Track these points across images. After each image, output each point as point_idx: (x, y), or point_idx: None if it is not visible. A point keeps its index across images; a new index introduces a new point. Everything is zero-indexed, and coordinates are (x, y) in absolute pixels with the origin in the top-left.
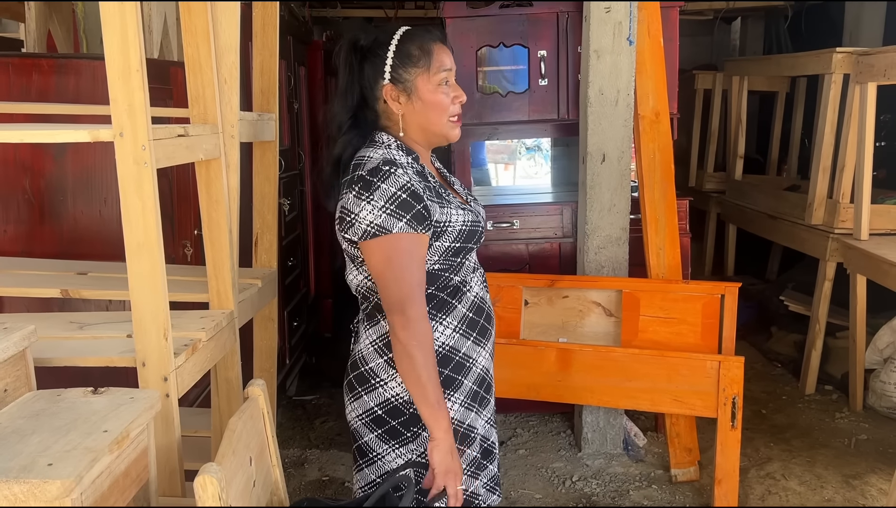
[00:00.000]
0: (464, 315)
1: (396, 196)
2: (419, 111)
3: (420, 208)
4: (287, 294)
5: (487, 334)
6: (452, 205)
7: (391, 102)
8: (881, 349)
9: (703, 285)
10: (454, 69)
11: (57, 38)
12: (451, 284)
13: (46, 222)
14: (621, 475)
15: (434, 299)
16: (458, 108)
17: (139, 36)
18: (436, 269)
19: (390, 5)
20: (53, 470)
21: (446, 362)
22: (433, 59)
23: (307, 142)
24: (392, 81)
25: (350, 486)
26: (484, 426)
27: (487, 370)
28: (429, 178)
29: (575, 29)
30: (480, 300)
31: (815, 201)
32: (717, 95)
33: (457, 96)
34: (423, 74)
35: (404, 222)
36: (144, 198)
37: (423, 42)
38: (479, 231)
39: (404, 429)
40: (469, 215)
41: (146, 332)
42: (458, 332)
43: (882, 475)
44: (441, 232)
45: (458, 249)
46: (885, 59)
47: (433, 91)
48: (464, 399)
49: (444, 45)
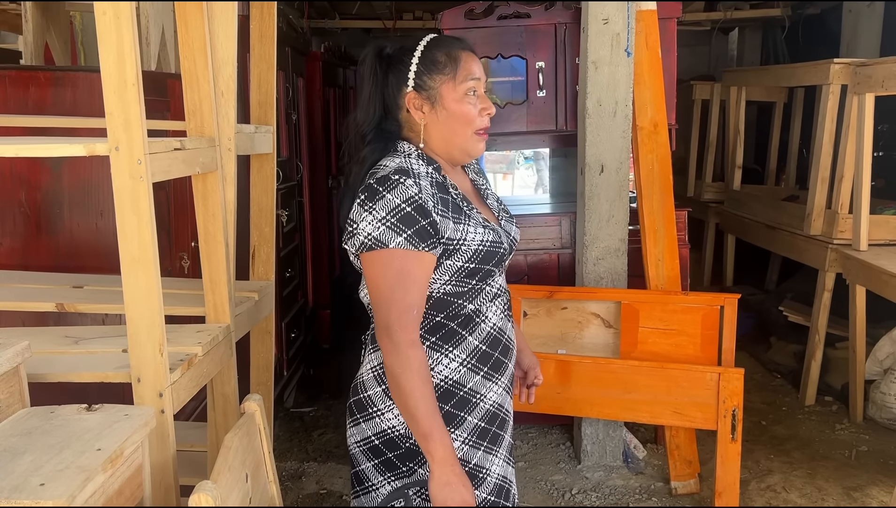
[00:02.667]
0: (475, 348)
1: (399, 208)
2: (443, 121)
3: (425, 223)
4: (285, 306)
5: (502, 368)
6: (472, 222)
7: (414, 111)
8: (881, 360)
9: (703, 297)
10: (483, 79)
11: (54, 51)
12: (462, 313)
13: (42, 235)
14: (621, 487)
15: (442, 328)
16: (486, 120)
17: (135, 49)
18: (447, 292)
19: (388, 16)
20: (45, 490)
21: (448, 396)
22: (460, 66)
23: (305, 153)
24: (416, 89)
25: (348, 500)
26: (501, 465)
27: (500, 406)
28: (449, 190)
29: (573, 40)
30: (498, 332)
31: (814, 212)
32: (715, 105)
33: (485, 108)
34: (448, 82)
35: (403, 237)
36: (140, 212)
37: (451, 49)
38: (499, 253)
39: (400, 463)
40: (490, 234)
41: (141, 347)
42: (466, 366)
43: (883, 487)
44: (454, 250)
45: (473, 270)
46: (882, 69)
47: (459, 100)
48: (467, 437)
49: (472, 54)
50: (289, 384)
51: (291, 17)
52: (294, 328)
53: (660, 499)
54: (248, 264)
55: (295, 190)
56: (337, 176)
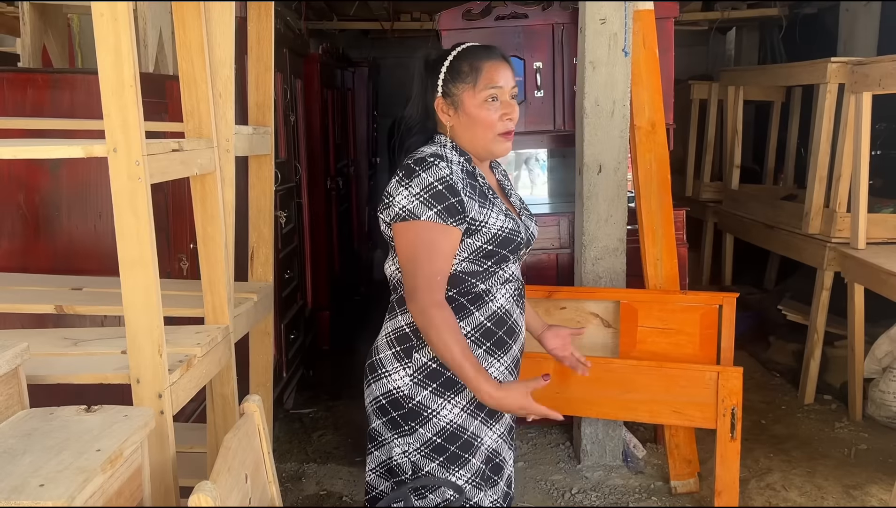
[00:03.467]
0: (479, 324)
1: (432, 186)
2: (465, 125)
3: (454, 201)
4: (284, 307)
5: (505, 347)
6: (496, 209)
7: (441, 115)
8: (880, 359)
9: (701, 296)
10: (509, 87)
11: (52, 53)
12: (474, 290)
13: (41, 237)
14: (621, 487)
15: (453, 302)
16: (508, 125)
17: (133, 51)
18: (463, 270)
19: (386, 18)
20: (45, 491)
21: None
22: (481, 75)
23: (304, 154)
24: (443, 95)
25: (348, 500)
26: (496, 440)
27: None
28: (478, 178)
29: (570, 40)
30: (504, 313)
31: (812, 211)
32: (713, 105)
33: (506, 113)
34: (469, 90)
35: (434, 211)
36: (138, 214)
37: (475, 59)
38: (517, 240)
39: (403, 422)
40: (511, 222)
41: (140, 349)
42: (470, 338)
43: (882, 485)
44: (476, 230)
45: (490, 252)
46: (879, 68)
47: (478, 107)
48: (466, 405)
49: (500, 62)
50: (288, 385)
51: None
52: (293, 329)
53: (659, 498)
54: (247, 266)
55: (294, 191)
56: (336, 177)
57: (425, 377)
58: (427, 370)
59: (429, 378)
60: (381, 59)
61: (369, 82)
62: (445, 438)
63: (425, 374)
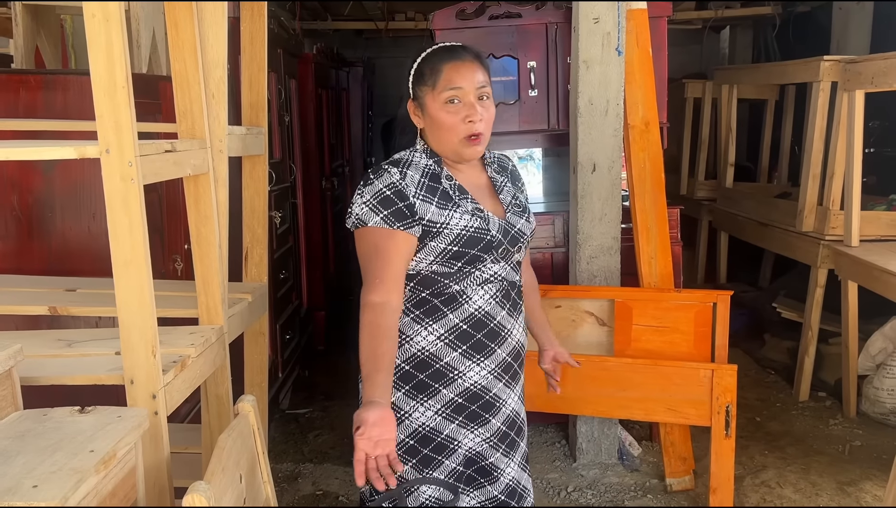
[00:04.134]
0: (454, 326)
1: (381, 192)
2: (430, 127)
3: (402, 205)
4: (279, 307)
5: (487, 351)
6: (460, 209)
7: (413, 118)
8: (873, 355)
9: (696, 294)
10: (473, 88)
11: (45, 54)
12: (447, 291)
13: (35, 239)
14: (616, 485)
15: (427, 303)
16: (473, 127)
17: (125, 52)
18: (433, 271)
19: (381, 17)
20: (38, 492)
21: (423, 366)
22: (440, 78)
23: (298, 155)
24: (413, 98)
25: (344, 500)
26: (480, 444)
27: (486, 389)
28: (442, 180)
29: (564, 40)
30: (484, 315)
31: (806, 208)
32: (707, 103)
33: (468, 116)
34: (430, 93)
35: (380, 217)
36: (131, 214)
37: (437, 61)
38: (486, 239)
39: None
40: (478, 221)
41: (134, 349)
42: (444, 341)
43: (877, 481)
44: (437, 232)
45: (457, 253)
46: (872, 66)
47: (438, 109)
48: (441, 409)
49: (462, 63)
50: (284, 385)
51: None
52: (289, 329)
53: (655, 496)
54: (241, 266)
55: (288, 192)
56: (331, 177)
57: (398, 379)
58: (401, 372)
59: (401, 380)
60: (376, 58)
61: (364, 82)
62: (418, 440)
63: (398, 376)
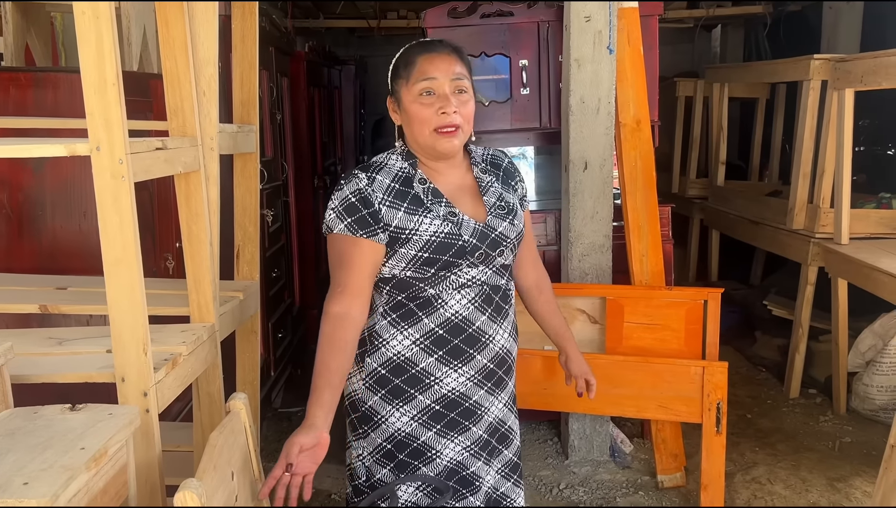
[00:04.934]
0: (430, 331)
1: (347, 198)
2: (406, 122)
3: (365, 213)
4: (271, 306)
5: (464, 357)
6: (431, 214)
7: (392, 114)
8: (863, 352)
9: (686, 291)
10: (447, 79)
11: (35, 51)
12: (422, 296)
13: (25, 237)
14: (608, 482)
15: (402, 307)
16: (446, 119)
17: (115, 49)
18: (407, 276)
19: (373, 16)
20: (29, 490)
21: (399, 371)
22: (414, 70)
23: (290, 153)
24: (391, 95)
25: (336, 498)
26: (460, 452)
27: (465, 396)
28: (415, 184)
29: (556, 38)
30: (462, 320)
31: (796, 206)
32: (698, 102)
33: (441, 107)
34: (405, 86)
35: (344, 224)
36: (122, 212)
37: (411, 54)
38: (457, 245)
39: (358, 425)
40: (448, 226)
41: (125, 347)
42: (419, 345)
43: (866, 477)
44: (406, 239)
45: (428, 259)
46: (861, 65)
47: (411, 102)
48: (417, 415)
49: (437, 55)
50: (276, 384)
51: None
52: (281, 328)
53: (646, 493)
54: (233, 265)
55: (280, 190)
56: (323, 176)
57: (374, 383)
58: (376, 376)
59: (378, 384)
60: (368, 57)
61: (356, 80)
62: (395, 445)
63: (374, 380)
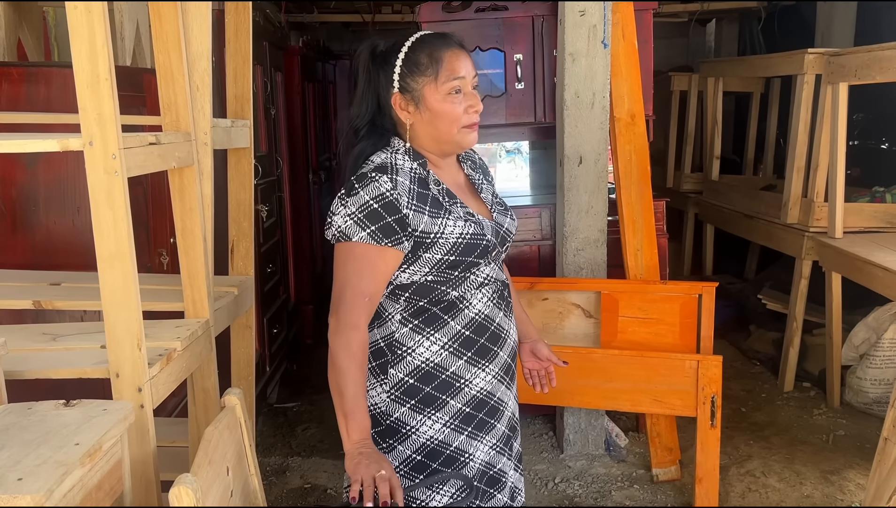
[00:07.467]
0: (457, 333)
1: (368, 204)
2: (427, 121)
3: (391, 220)
4: (266, 301)
5: (490, 355)
6: (452, 216)
7: (400, 112)
8: (857, 346)
9: (681, 286)
10: (470, 77)
11: (27, 46)
12: (446, 298)
13: (18, 233)
14: (603, 475)
15: (425, 312)
16: (474, 117)
17: (108, 44)
18: (429, 281)
19: (367, 10)
20: (23, 485)
21: (429, 379)
22: (442, 67)
23: (285, 148)
24: (400, 91)
25: (333, 494)
26: (488, 452)
27: (491, 394)
28: (430, 185)
29: (550, 32)
30: (484, 319)
31: (791, 201)
32: (693, 96)
33: (471, 105)
34: (430, 84)
35: (367, 232)
36: (115, 207)
37: (434, 49)
38: (482, 245)
39: (380, 439)
40: (472, 227)
41: (119, 343)
42: (448, 350)
43: (860, 470)
44: (431, 243)
45: (454, 262)
46: (855, 59)
47: (441, 101)
48: (449, 420)
49: (460, 51)
50: (272, 379)
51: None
52: (276, 323)
53: (641, 486)
54: (227, 260)
55: (275, 185)
56: (318, 171)
57: (402, 394)
58: (404, 387)
59: (406, 395)
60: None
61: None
62: (426, 454)
63: (402, 391)
